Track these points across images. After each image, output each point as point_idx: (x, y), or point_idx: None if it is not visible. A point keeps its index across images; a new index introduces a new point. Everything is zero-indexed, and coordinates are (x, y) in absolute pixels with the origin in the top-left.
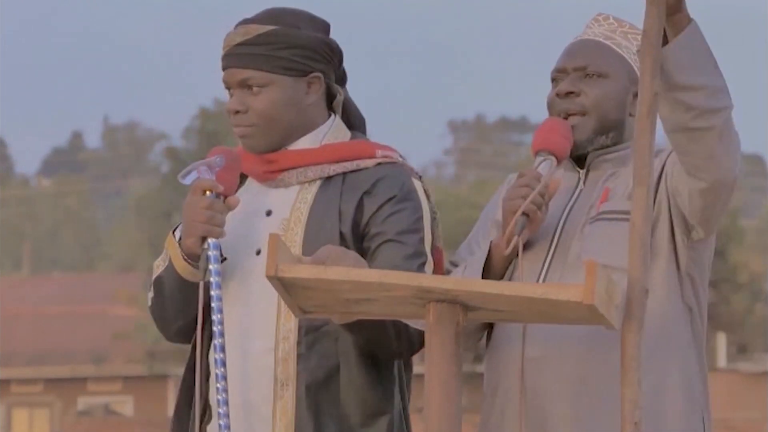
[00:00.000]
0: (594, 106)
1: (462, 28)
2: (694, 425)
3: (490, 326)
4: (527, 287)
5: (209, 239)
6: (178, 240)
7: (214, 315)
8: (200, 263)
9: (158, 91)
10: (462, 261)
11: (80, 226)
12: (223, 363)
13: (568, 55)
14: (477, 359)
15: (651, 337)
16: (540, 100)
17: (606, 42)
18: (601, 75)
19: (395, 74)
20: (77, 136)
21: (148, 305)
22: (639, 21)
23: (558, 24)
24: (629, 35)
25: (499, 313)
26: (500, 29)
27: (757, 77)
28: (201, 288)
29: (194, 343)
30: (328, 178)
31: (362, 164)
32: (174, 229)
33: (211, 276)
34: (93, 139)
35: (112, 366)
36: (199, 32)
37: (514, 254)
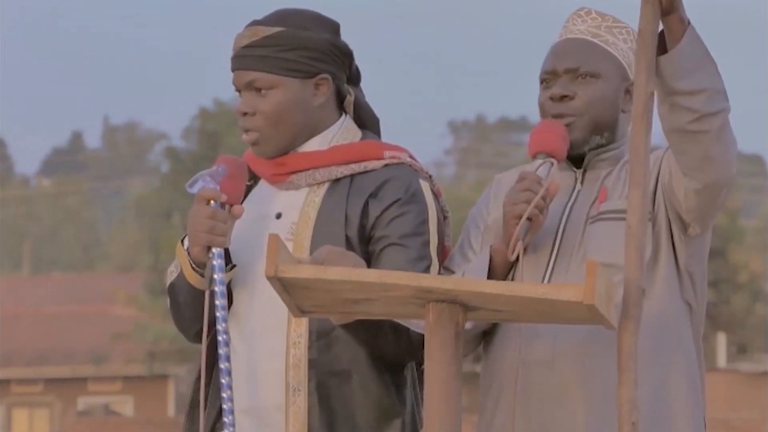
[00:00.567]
0: (588, 108)
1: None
2: (698, 422)
3: (488, 330)
4: (527, 287)
5: (213, 249)
6: (187, 248)
7: (219, 324)
8: (206, 272)
9: (158, 91)
10: (457, 267)
11: (80, 226)
12: (229, 372)
13: (558, 56)
14: (477, 359)
15: (653, 336)
16: None
17: (594, 40)
18: (594, 76)
19: (395, 74)
20: (77, 136)
21: (168, 307)
22: (633, 21)
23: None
24: (614, 30)
25: (499, 313)
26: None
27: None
28: (206, 297)
29: (210, 341)
30: (336, 180)
31: (370, 166)
32: (183, 238)
33: (216, 285)
34: (93, 139)
35: (112, 366)
36: (200, 32)
37: (516, 259)
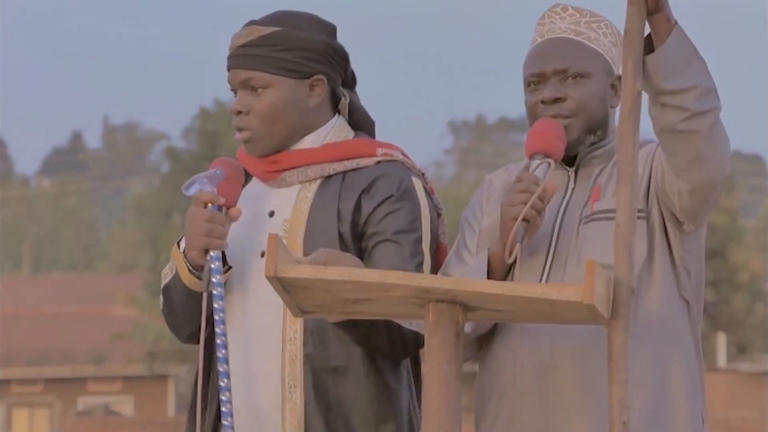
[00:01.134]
0: (581, 109)
1: (462, 28)
2: (697, 419)
3: (487, 333)
4: (527, 287)
5: (211, 251)
6: (183, 251)
7: (218, 327)
8: (203, 275)
9: (158, 91)
10: (454, 270)
11: (80, 226)
12: (227, 375)
13: (544, 58)
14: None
15: (652, 333)
16: None
17: (578, 38)
18: (583, 76)
19: (395, 74)
20: (77, 136)
21: (161, 310)
22: (620, 22)
23: None
24: (593, 24)
25: (499, 313)
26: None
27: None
28: (204, 300)
29: (206, 341)
30: (328, 177)
31: (362, 163)
32: (179, 240)
33: (215, 288)
34: (93, 139)
35: (112, 366)
36: (200, 32)
37: (514, 261)
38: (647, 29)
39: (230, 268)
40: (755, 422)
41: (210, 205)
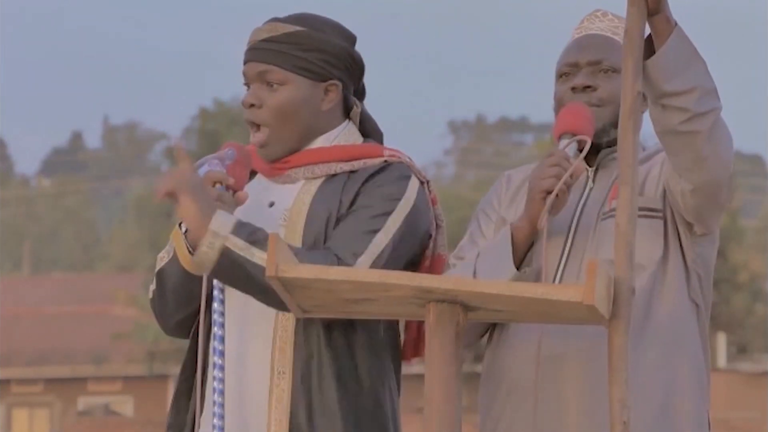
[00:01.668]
0: (610, 100)
1: (462, 28)
2: (703, 421)
3: (497, 327)
4: (527, 287)
5: None
6: (184, 232)
7: (217, 306)
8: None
9: (158, 91)
10: (468, 253)
11: (80, 226)
12: (222, 353)
13: (581, 49)
14: (477, 359)
15: (663, 333)
16: (540, 100)
17: (615, 37)
18: (615, 71)
19: (395, 74)
20: (77, 136)
21: (149, 298)
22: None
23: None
24: None
25: (499, 313)
26: (500, 29)
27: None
28: (204, 278)
29: (193, 337)
30: (334, 175)
31: (369, 162)
32: (181, 222)
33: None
34: (93, 139)
35: (112, 366)
36: (200, 33)
37: (534, 237)
38: (646, 30)
39: None
40: (755, 422)
41: (218, 185)
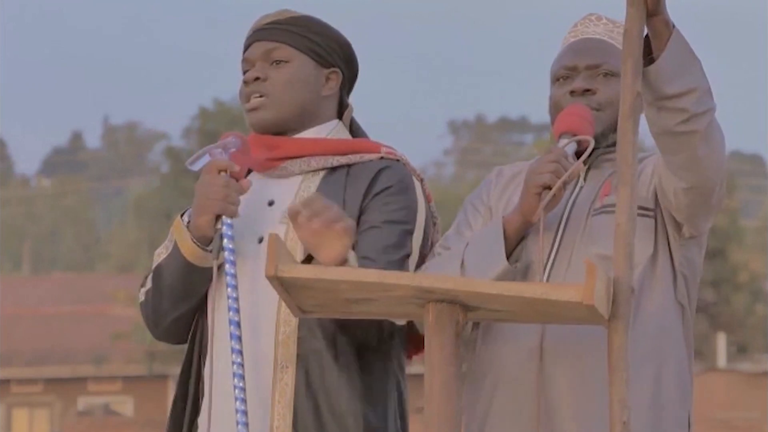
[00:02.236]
0: (609, 104)
1: (462, 28)
2: (684, 423)
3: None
4: (527, 287)
5: (224, 218)
6: (187, 224)
7: (231, 292)
8: (213, 243)
9: (158, 91)
10: (454, 243)
11: (80, 226)
12: (239, 338)
13: (578, 53)
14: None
15: (650, 335)
16: (540, 100)
17: (611, 42)
18: (614, 75)
19: (395, 74)
20: (77, 136)
21: (141, 301)
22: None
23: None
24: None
25: (499, 313)
26: (500, 29)
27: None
28: (214, 267)
29: (191, 341)
30: (332, 170)
31: (366, 157)
32: (182, 214)
33: (226, 254)
34: (93, 139)
35: (112, 366)
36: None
37: (527, 229)
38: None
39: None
40: (755, 422)
41: (223, 173)
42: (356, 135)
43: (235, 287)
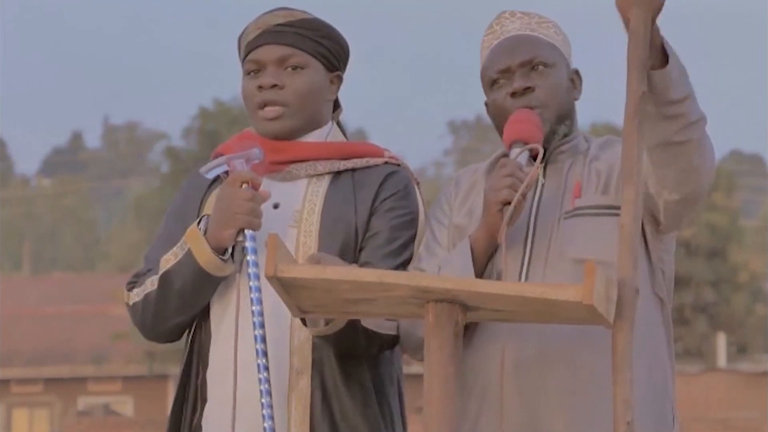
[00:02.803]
0: (550, 98)
1: (462, 28)
2: (667, 419)
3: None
4: (527, 287)
5: (247, 231)
6: (204, 233)
7: (254, 306)
8: (235, 255)
9: (158, 91)
10: (427, 264)
11: (80, 226)
12: (265, 353)
13: (508, 53)
14: None
15: (639, 328)
16: None
17: (534, 34)
18: (547, 65)
19: (395, 74)
20: (77, 136)
21: (134, 301)
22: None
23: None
24: (543, 25)
25: (499, 313)
26: None
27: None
28: (238, 279)
29: (191, 341)
30: (338, 173)
31: (371, 161)
32: (199, 221)
33: (250, 267)
34: (93, 139)
35: (112, 366)
36: (200, 32)
37: (495, 245)
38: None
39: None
40: (755, 422)
41: (245, 185)
42: (344, 135)
43: (260, 301)
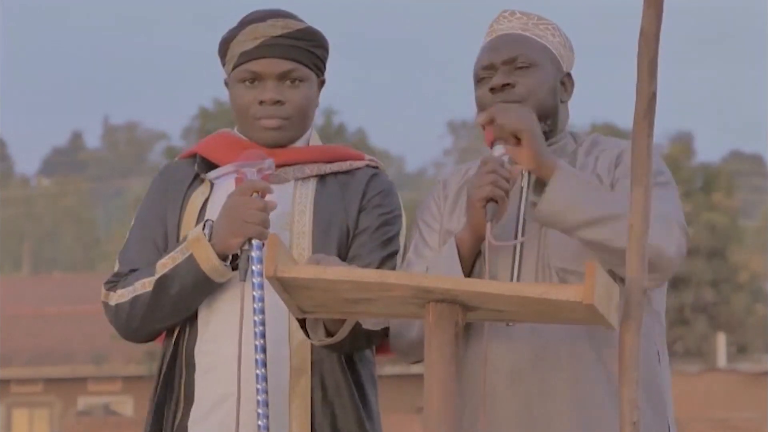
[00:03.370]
0: (530, 95)
1: (462, 28)
2: (663, 424)
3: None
4: (527, 287)
5: (254, 240)
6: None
7: (256, 316)
8: (241, 263)
9: (158, 91)
10: (416, 267)
11: (80, 226)
12: (264, 363)
13: (493, 51)
14: None
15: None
16: None
17: (526, 33)
18: (531, 65)
19: (395, 74)
20: (77, 136)
21: (117, 303)
22: (636, 22)
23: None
24: (541, 26)
25: (499, 313)
26: None
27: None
28: (243, 289)
29: (174, 342)
30: (323, 176)
31: (355, 164)
32: (204, 225)
33: (255, 276)
34: (93, 139)
35: (112, 366)
36: (200, 32)
37: (480, 244)
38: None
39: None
40: (755, 422)
41: (255, 194)
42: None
43: (263, 311)
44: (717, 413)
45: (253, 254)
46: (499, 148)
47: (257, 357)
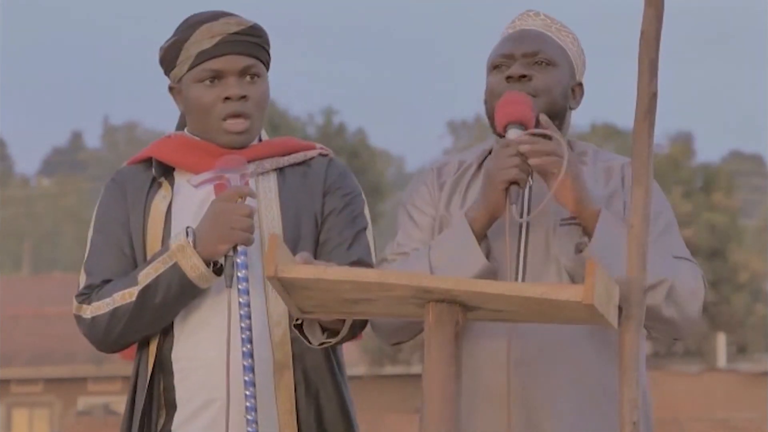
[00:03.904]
0: (544, 91)
1: (462, 29)
2: (648, 423)
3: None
4: (527, 287)
5: (239, 246)
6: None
7: (243, 321)
8: (226, 270)
9: (158, 91)
10: (410, 248)
11: (80, 226)
12: (252, 369)
13: (515, 41)
14: None
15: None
16: None
17: (548, 33)
18: (550, 62)
19: (395, 74)
20: (77, 136)
21: (99, 314)
22: (637, 23)
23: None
24: (562, 32)
25: (499, 313)
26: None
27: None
28: (231, 295)
29: (149, 344)
30: (282, 169)
31: (309, 154)
32: (187, 232)
33: (240, 282)
34: (93, 139)
35: (112, 366)
36: None
37: (491, 224)
38: None
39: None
40: (755, 422)
41: (240, 200)
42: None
43: (249, 316)
44: (717, 413)
45: (238, 260)
46: (515, 131)
47: (245, 363)
